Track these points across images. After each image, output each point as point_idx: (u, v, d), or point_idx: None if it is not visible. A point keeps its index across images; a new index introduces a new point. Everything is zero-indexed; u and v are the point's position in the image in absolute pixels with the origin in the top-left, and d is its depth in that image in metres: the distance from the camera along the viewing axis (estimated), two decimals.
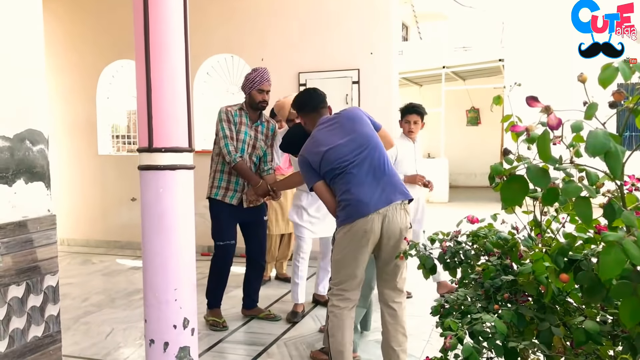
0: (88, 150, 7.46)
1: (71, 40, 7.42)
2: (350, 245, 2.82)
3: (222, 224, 4.15)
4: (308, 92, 3.27)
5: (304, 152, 3.01)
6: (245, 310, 4.44)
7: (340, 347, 2.90)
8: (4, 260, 2.25)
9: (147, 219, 2.44)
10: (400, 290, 2.98)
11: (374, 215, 2.77)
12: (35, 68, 2.48)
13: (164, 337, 2.43)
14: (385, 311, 2.98)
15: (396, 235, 2.81)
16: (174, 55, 2.41)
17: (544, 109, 1.34)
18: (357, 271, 2.87)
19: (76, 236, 7.63)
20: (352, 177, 2.83)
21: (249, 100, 4.13)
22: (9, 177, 2.33)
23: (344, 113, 3.05)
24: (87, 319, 4.48)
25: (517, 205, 1.51)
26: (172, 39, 2.40)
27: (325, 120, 3.07)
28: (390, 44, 6.11)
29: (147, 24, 2.35)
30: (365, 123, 3.00)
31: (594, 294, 1.45)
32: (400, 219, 2.82)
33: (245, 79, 4.15)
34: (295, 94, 3.43)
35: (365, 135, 2.93)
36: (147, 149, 2.40)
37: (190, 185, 2.52)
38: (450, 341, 1.64)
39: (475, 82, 14.90)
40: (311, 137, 3.05)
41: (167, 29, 2.38)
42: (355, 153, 2.86)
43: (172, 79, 2.41)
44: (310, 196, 4.21)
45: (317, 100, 3.16)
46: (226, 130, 4.02)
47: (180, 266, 2.45)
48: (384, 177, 2.85)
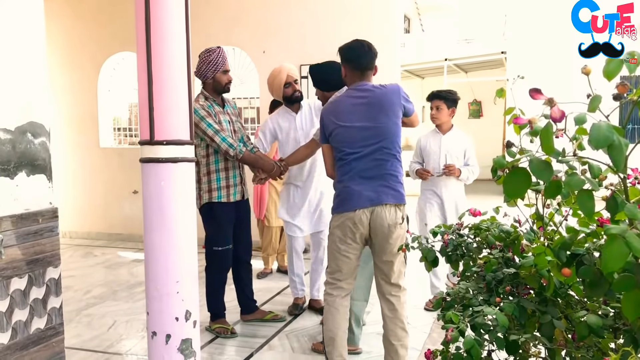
0: (90, 142, 7.45)
1: (73, 33, 7.40)
2: (341, 236, 2.89)
3: (223, 228, 3.87)
4: (363, 46, 3.00)
5: (324, 111, 3.05)
6: (247, 316, 4.18)
7: (331, 334, 2.95)
8: (6, 253, 2.26)
9: (149, 212, 2.44)
10: (396, 284, 2.96)
11: (360, 211, 2.82)
12: (36, 61, 2.48)
13: (166, 329, 2.43)
14: (384, 305, 2.98)
15: (384, 231, 2.83)
16: (175, 48, 2.40)
17: (547, 102, 1.33)
18: (348, 261, 2.91)
19: (78, 229, 7.64)
20: (350, 169, 2.87)
21: (213, 84, 3.81)
22: (11, 170, 2.33)
23: (379, 92, 2.91)
24: (89, 311, 4.49)
25: (520, 197, 1.51)
26: (174, 31, 2.39)
27: (359, 89, 2.95)
28: (392, 36, 6.08)
29: (148, 16, 2.34)
30: (392, 114, 2.89)
31: (597, 288, 1.45)
32: (388, 214, 2.83)
33: (202, 62, 3.78)
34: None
35: (383, 129, 2.86)
36: (149, 141, 2.39)
37: (191, 178, 2.53)
38: (451, 334, 1.64)
39: (478, 74, 14.87)
40: (338, 99, 3.05)
41: (168, 21, 2.38)
42: (364, 144, 2.85)
43: (174, 72, 2.41)
44: (300, 189, 4.13)
45: (366, 60, 2.97)
46: (214, 125, 3.68)
47: (181, 258, 2.45)
48: (381, 177, 2.85)
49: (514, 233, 1.88)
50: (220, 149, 3.71)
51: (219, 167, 3.82)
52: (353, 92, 2.96)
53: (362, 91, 2.93)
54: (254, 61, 6.66)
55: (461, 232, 2.13)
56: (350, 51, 2.99)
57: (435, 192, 4.33)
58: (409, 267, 5.49)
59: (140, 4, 2.36)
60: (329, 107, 3.06)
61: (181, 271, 2.45)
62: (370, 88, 2.94)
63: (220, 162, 3.82)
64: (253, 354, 3.59)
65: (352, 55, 2.98)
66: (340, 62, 3.07)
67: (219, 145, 3.70)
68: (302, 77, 6.26)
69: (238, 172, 3.92)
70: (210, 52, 3.78)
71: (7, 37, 2.33)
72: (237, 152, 3.72)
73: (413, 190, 4.69)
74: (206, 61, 3.76)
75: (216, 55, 3.77)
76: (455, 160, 4.28)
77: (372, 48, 3.01)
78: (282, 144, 4.17)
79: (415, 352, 3.51)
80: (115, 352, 3.65)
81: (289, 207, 4.19)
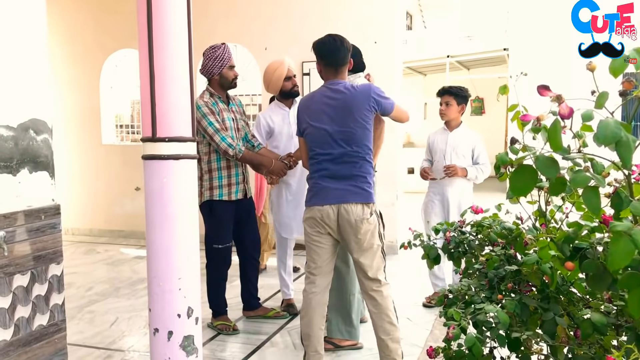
0: (92, 139, 7.46)
1: (74, 30, 7.40)
2: (312, 226, 2.99)
3: (224, 226, 3.86)
4: (335, 41, 2.99)
5: (300, 105, 3.12)
6: (249, 312, 4.17)
7: (307, 329, 3.04)
8: (8, 250, 2.26)
9: (151, 209, 2.44)
10: (375, 279, 2.95)
11: (328, 206, 2.92)
12: (38, 57, 2.48)
13: (168, 326, 2.43)
14: (368, 301, 3.00)
15: (351, 225, 2.89)
16: (178, 45, 2.40)
17: (555, 98, 1.32)
18: (320, 251, 2.99)
19: (80, 225, 7.65)
20: (320, 169, 2.97)
21: (220, 81, 3.78)
22: (13, 167, 2.33)
23: (349, 96, 2.91)
24: (92, 307, 4.50)
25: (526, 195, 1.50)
26: (176, 28, 2.39)
27: (333, 89, 2.95)
28: (394, 33, 6.07)
29: (150, 12, 2.34)
30: (361, 118, 2.89)
31: (599, 282, 1.45)
32: (354, 210, 2.89)
33: (208, 59, 3.74)
34: (317, 40, 3.07)
35: (351, 133, 2.89)
36: (151, 138, 2.39)
37: (193, 175, 2.52)
38: (453, 331, 1.64)
39: (480, 71, 14.85)
40: (312, 95, 3.06)
41: (170, 18, 2.37)
42: (334, 146, 2.91)
43: (176, 69, 2.40)
44: (292, 187, 4.07)
45: (339, 56, 2.97)
46: (215, 124, 3.66)
47: (184, 255, 2.45)
48: (349, 177, 2.92)
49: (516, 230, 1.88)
50: (220, 148, 3.70)
51: (221, 164, 3.80)
52: (326, 91, 2.98)
53: (335, 92, 2.95)
54: (256, 58, 6.65)
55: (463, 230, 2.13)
56: (324, 47, 3.00)
57: (439, 190, 4.31)
58: (409, 265, 5.51)
59: (142, 0, 2.35)
60: (304, 101, 3.10)
61: (183, 268, 2.45)
62: (342, 89, 2.94)
63: (222, 160, 3.80)
64: (255, 350, 3.59)
65: (326, 51, 2.99)
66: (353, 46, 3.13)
67: (218, 145, 3.69)
68: (304, 74, 6.26)
69: (240, 171, 3.89)
70: (215, 49, 3.76)
71: (9, 33, 2.33)
72: (236, 152, 3.70)
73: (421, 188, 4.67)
74: (212, 57, 3.74)
75: (222, 51, 3.75)
76: (461, 158, 4.22)
77: (345, 43, 3.01)
78: (275, 139, 4.12)
79: (417, 349, 3.51)
80: (117, 349, 3.66)
81: (282, 206, 4.12)
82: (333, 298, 3.37)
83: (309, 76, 6.26)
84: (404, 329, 3.07)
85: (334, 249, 3.03)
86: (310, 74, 6.23)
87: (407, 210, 6.83)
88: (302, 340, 3.14)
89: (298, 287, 4.75)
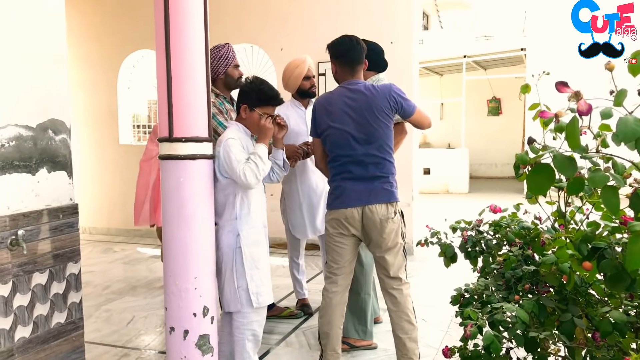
0: (109, 139, 7.53)
1: (93, 31, 7.48)
2: (334, 227, 2.95)
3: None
4: (351, 41, 2.97)
5: (317, 104, 3.02)
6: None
7: (326, 329, 3.02)
8: (27, 248, 2.29)
9: (168, 208, 2.46)
10: (396, 277, 2.95)
11: (352, 208, 2.89)
12: (57, 59, 2.50)
13: (184, 324, 2.45)
14: (387, 299, 3.00)
15: (376, 225, 2.86)
16: (194, 45, 2.41)
17: (574, 95, 1.31)
18: (342, 252, 2.97)
19: (98, 225, 7.73)
20: (343, 171, 2.92)
21: (225, 80, 3.73)
22: (32, 166, 2.36)
23: (370, 96, 2.87)
24: (109, 306, 4.54)
25: (543, 194, 1.49)
26: (192, 29, 2.40)
27: (352, 89, 2.92)
28: (410, 33, 6.05)
29: (168, 14, 2.36)
30: (383, 118, 2.87)
31: (618, 283, 1.43)
32: (379, 210, 2.87)
33: (213, 58, 3.66)
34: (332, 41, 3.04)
35: (373, 134, 2.87)
36: (168, 138, 2.41)
37: (209, 175, 2.54)
38: (470, 329, 1.63)
39: (497, 71, 14.73)
40: (331, 95, 2.99)
41: (187, 19, 2.39)
42: (355, 148, 2.87)
43: (192, 69, 2.42)
44: (306, 186, 3.98)
45: (355, 55, 2.94)
46: (225, 123, 3.56)
47: (200, 255, 2.47)
48: (372, 179, 2.89)
49: (535, 230, 1.87)
50: None
51: None
52: (345, 92, 2.93)
53: (354, 92, 2.91)
54: (272, 59, 6.66)
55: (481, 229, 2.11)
56: (339, 47, 2.98)
57: None
58: (425, 266, 5.48)
59: (160, 2, 2.37)
60: (323, 101, 3.01)
61: (199, 267, 2.46)
62: (362, 89, 2.90)
63: None
64: (270, 350, 3.59)
65: (341, 50, 2.97)
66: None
67: None
68: (320, 75, 6.26)
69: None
70: (219, 48, 3.74)
71: (28, 35, 2.36)
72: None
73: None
74: (217, 57, 3.71)
75: (226, 50, 3.74)
76: None
77: (360, 42, 2.99)
78: (288, 138, 4.02)
79: (432, 350, 3.49)
80: (133, 347, 3.68)
81: (295, 207, 4.04)
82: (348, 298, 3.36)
83: (325, 76, 6.26)
84: (418, 329, 3.05)
85: (355, 250, 3.03)
86: (326, 74, 6.23)
87: (423, 211, 6.80)
88: (319, 339, 3.13)
89: (312, 287, 4.77)
